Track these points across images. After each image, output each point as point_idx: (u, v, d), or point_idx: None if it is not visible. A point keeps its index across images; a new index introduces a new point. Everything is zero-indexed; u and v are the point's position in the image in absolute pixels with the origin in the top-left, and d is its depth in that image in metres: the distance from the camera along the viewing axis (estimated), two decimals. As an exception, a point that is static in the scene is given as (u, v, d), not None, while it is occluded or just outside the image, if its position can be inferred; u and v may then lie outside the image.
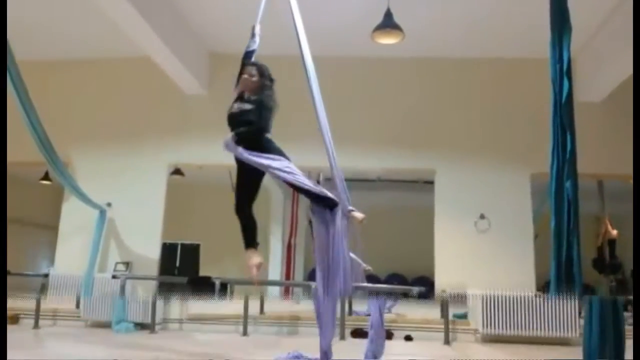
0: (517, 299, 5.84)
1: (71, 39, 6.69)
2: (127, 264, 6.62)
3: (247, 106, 4.02)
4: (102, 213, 6.66)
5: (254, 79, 4.08)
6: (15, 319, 6.64)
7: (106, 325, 6.26)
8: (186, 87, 6.75)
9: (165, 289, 7.91)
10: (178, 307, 6.58)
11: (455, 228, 6.49)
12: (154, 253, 6.75)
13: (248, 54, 4.25)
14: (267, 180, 4.31)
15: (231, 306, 7.03)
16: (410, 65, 6.77)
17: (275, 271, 11.19)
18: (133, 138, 6.98)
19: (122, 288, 6.28)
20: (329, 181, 4.46)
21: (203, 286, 6.38)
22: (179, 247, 12.44)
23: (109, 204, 6.71)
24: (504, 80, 6.70)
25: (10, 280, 6.44)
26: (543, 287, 6.19)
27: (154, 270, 6.72)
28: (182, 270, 11.57)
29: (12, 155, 6.08)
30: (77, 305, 6.87)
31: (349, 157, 5.09)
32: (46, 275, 6.69)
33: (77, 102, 7.18)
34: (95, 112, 7.13)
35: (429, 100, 6.77)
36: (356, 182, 6.27)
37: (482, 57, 6.66)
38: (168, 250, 11.45)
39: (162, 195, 6.87)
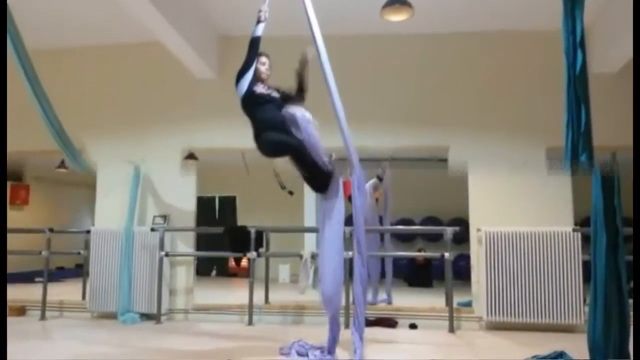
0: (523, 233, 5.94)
1: (81, 26, 6.59)
2: (164, 217, 6.64)
3: (275, 94, 4.30)
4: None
5: (269, 71, 4.44)
6: (22, 311, 6.71)
7: (112, 316, 6.32)
8: (197, 71, 6.64)
9: (204, 240, 8.04)
10: (184, 297, 6.61)
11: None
12: (191, 206, 6.76)
13: (255, 40, 4.26)
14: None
15: (236, 296, 7.04)
16: (421, 41, 6.60)
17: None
18: (146, 123, 6.91)
19: (161, 241, 6.36)
20: (343, 161, 4.45)
21: (239, 235, 6.39)
22: (217, 199, 13.01)
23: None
24: (517, 53, 6.52)
25: (54, 238, 6.89)
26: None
27: (191, 222, 6.76)
28: (220, 222, 12.07)
29: (29, 145, 6.20)
30: (84, 297, 6.93)
31: (360, 137, 4.98)
32: (88, 232, 6.75)
33: (89, 89, 7.11)
34: (108, 98, 7.06)
35: (440, 76, 6.61)
36: (368, 161, 6.21)
37: (495, 30, 6.46)
38: (207, 203, 12.31)
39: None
